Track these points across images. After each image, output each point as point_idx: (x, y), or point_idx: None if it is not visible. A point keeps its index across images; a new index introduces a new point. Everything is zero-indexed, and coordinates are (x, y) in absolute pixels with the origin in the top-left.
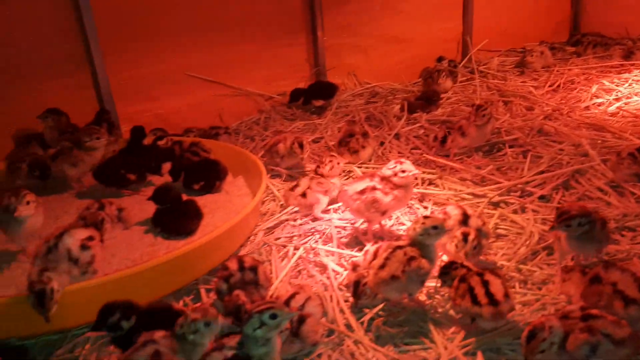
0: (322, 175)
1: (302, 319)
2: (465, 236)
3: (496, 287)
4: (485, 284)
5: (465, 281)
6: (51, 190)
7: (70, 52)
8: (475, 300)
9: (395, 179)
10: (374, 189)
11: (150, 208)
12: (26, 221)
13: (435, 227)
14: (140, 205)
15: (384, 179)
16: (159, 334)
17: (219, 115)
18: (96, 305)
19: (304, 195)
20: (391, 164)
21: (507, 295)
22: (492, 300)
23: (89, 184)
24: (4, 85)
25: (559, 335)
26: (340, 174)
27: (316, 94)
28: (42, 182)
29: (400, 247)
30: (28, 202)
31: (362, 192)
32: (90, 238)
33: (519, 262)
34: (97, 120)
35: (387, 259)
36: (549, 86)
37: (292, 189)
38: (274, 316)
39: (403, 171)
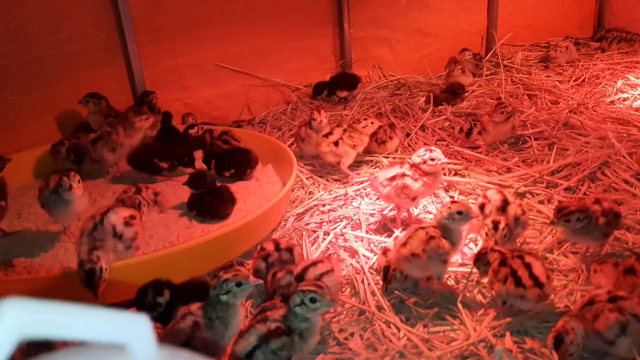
0: (355, 130)
1: None
2: (495, 224)
3: (538, 269)
4: (528, 267)
5: (506, 264)
6: (87, 175)
7: (106, 42)
8: (519, 283)
9: (424, 167)
10: (404, 175)
11: (183, 193)
12: (75, 200)
13: (459, 213)
14: (173, 190)
15: (414, 166)
16: (195, 306)
17: (246, 105)
18: (139, 280)
19: (336, 143)
20: (421, 151)
21: (549, 277)
22: (537, 283)
23: (123, 169)
24: (43, 73)
25: (582, 335)
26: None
27: (340, 85)
28: (78, 166)
29: (422, 227)
30: (79, 181)
31: (392, 178)
32: (133, 217)
33: (546, 251)
34: (140, 102)
35: (409, 237)
36: (574, 81)
37: (326, 135)
38: (313, 300)
39: (432, 159)
